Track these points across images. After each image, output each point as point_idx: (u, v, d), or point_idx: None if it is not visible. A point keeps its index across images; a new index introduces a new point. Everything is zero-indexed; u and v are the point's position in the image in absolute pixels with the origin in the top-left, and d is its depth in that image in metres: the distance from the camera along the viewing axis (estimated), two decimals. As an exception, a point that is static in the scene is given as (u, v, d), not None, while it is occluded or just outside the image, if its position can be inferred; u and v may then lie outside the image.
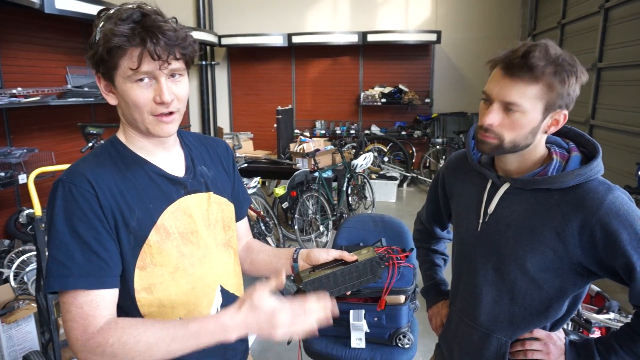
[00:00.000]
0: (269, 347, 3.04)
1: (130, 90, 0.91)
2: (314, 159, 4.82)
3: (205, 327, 0.86)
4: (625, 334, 1.03)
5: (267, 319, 0.85)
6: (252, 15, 8.16)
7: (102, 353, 0.84)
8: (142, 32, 0.87)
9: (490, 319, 1.15)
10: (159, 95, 0.91)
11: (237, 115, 8.84)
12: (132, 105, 0.92)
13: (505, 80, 0.99)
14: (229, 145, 2.21)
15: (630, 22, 4.39)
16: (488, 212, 1.13)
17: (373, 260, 1.07)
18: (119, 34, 0.87)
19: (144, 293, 0.96)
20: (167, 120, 0.95)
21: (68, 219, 0.89)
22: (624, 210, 0.96)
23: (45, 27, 4.56)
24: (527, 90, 0.97)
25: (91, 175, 0.92)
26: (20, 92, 3.94)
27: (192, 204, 1.04)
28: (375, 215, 2.43)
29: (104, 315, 0.88)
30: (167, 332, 0.85)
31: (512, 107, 0.99)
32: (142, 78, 0.90)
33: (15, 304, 2.72)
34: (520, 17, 7.52)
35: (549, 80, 0.96)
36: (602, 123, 4.86)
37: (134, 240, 0.94)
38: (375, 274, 1.08)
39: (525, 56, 0.95)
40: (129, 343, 0.84)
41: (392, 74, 8.03)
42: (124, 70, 0.90)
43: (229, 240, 1.14)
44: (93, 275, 0.88)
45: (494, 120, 1.01)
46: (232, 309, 0.88)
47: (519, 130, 1.00)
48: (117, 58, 0.89)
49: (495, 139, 1.03)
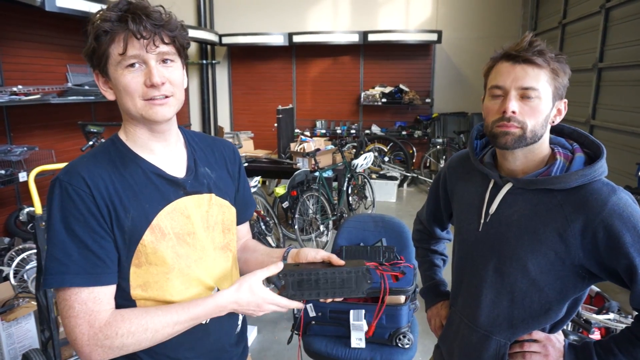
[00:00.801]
0: (268, 347, 3.04)
1: (121, 76, 0.92)
2: (314, 158, 4.82)
3: (204, 309, 0.95)
4: (625, 338, 1.03)
5: (257, 304, 0.98)
6: (252, 14, 8.16)
7: (111, 345, 0.89)
8: (126, 15, 0.89)
9: (489, 320, 1.14)
10: (148, 78, 0.91)
11: (237, 115, 8.83)
12: (124, 92, 0.93)
13: (517, 67, 1.01)
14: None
15: (631, 22, 4.38)
16: (489, 213, 1.13)
17: (360, 271, 1.02)
18: (105, 19, 0.89)
19: (140, 290, 0.98)
20: (160, 103, 0.94)
21: (64, 218, 0.90)
22: (627, 212, 0.95)
23: (46, 25, 4.56)
24: (540, 74, 1.00)
25: (87, 175, 0.92)
26: (20, 90, 3.94)
27: (191, 205, 1.03)
28: (376, 215, 2.43)
29: (107, 309, 0.91)
30: (170, 318, 0.93)
31: (529, 92, 1.00)
32: (132, 63, 0.91)
33: (15, 302, 2.72)
34: (521, 17, 7.52)
35: (554, 66, 1.00)
36: (602, 123, 4.86)
37: (129, 239, 0.94)
38: (360, 287, 1.02)
39: (531, 44, 1.00)
40: (137, 332, 0.90)
41: (393, 74, 8.02)
42: (113, 57, 0.91)
43: (228, 243, 1.13)
44: (90, 273, 0.89)
45: (515, 107, 1.01)
46: (232, 288, 0.98)
47: (539, 116, 1.02)
48: (106, 45, 0.90)
49: (518, 128, 1.02)
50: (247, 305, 0.98)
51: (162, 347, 0.99)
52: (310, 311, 2.06)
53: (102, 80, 0.97)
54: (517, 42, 1.02)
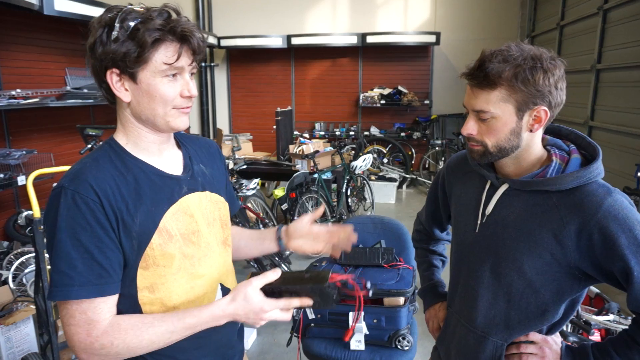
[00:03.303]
0: (267, 349, 3.04)
1: (160, 84, 0.94)
2: (313, 160, 4.82)
3: (200, 318, 0.95)
4: (622, 341, 1.03)
5: (255, 313, 0.96)
6: (251, 16, 8.17)
7: (107, 354, 0.91)
8: (181, 29, 0.92)
9: (486, 321, 1.14)
10: (187, 90, 0.97)
11: (236, 117, 8.84)
12: (160, 99, 0.95)
13: (471, 91, 1.04)
14: (228, 146, 2.15)
15: (628, 24, 4.39)
16: (486, 214, 1.13)
17: (323, 288, 0.98)
18: (157, 28, 0.90)
19: (147, 292, 0.98)
20: (186, 112, 1.00)
21: (71, 227, 0.89)
22: (623, 214, 0.95)
23: (44, 28, 4.56)
24: (490, 97, 1.00)
25: (94, 182, 0.91)
26: (19, 94, 3.94)
27: (193, 203, 1.05)
28: (375, 216, 2.43)
29: (107, 318, 0.92)
30: (166, 327, 0.93)
31: (481, 115, 1.03)
32: (172, 73, 0.94)
33: (13, 305, 2.72)
34: (519, 18, 7.54)
35: (509, 82, 0.98)
36: (601, 124, 4.87)
37: (137, 244, 0.95)
38: (327, 301, 0.99)
39: (480, 66, 1.00)
40: (132, 343, 0.91)
41: (392, 76, 8.03)
42: (156, 64, 0.92)
43: (227, 238, 1.16)
44: (94, 284, 0.90)
45: (470, 129, 1.06)
46: (226, 299, 0.97)
47: (498, 133, 1.03)
48: (151, 52, 0.91)
49: (479, 146, 1.07)
50: (246, 316, 0.97)
51: (169, 347, 0.99)
52: (309, 313, 2.06)
53: (117, 79, 0.95)
54: (475, 61, 1.02)
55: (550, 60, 0.98)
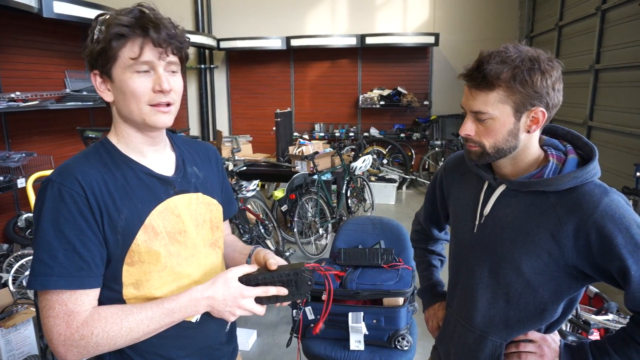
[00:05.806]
0: (268, 350, 3.04)
1: (129, 79, 0.94)
2: (313, 161, 4.83)
3: (179, 303, 0.95)
4: (620, 339, 1.03)
5: (234, 297, 0.98)
6: (250, 18, 8.18)
7: (86, 345, 0.90)
8: (144, 22, 0.92)
9: (485, 321, 1.15)
10: (158, 84, 0.95)
11: (236, 119, 8.85)
12: (130, 95, 0.95)
13: (469, 91, 1.04)
14: (227, 148, 2.13)
15: (627, 24, 4.40)
16: (484, 214, 1.14)
17: (298, 272, 1.01)
18: (121, 24, 0.91)
19: (132, 288, 0.99)
20: (165, 110, 0.98)
21: (55, 219, 0.90)
22: (619, 214, 0.96)
23: (43, 31, 4.58)
24: (488, 98, 1.01)
25: (81, 176, 0.93)
26: (18, 97, 3.94)
27: (181, 204, 1.06)
28: (374, 217, 2.44)
29: (87, 310, 0.92)
30: (145, 314, 0.93)
31: (479, 116, 1.03)
32: (144, 69, 0.94)
33: (13, 308, 2.71)
34: (518, 19, 7.56)
35: (507, 84, 0.98)
36: (599, 124, 4.88)
37: (122, 240, 0.96)
38: (300, 289, 1.02)
39: (478, 68, 1.00)
40: (111, 332, 0.91)
41: (391, 77, 8.05)
42: (123, 60, 0.93)
43: (217, 240, 1.16)
44: (74, 276, 0.90)
45: (469, 130, 1.07)
46: (206, 283, 0.99)
47: (495, 135, 1.04)
48: (118, 48, 0.93)
49: (477, 147, 1.07)
50: (224, 301, 0.97)
51: (152, 345, 1.00)
52: (309, 314, 2.06)
53: (100, 81, 0.98)
54: (473, 62, 1.02)
55: (547, 62, 0.99)
